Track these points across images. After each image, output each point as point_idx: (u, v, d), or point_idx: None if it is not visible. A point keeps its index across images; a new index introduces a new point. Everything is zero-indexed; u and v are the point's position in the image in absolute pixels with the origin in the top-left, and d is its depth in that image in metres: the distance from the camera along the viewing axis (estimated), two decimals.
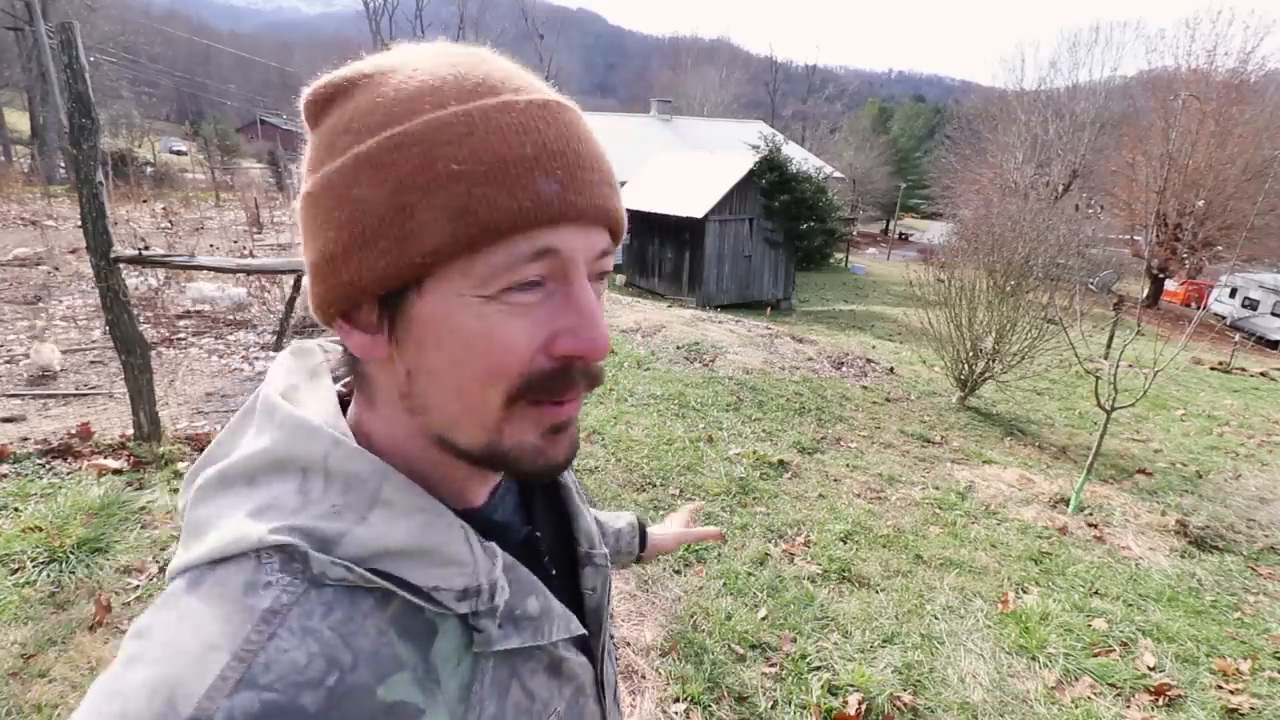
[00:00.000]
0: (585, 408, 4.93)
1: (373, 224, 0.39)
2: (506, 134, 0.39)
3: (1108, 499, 4.45)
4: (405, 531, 0.41)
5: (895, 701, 2.36)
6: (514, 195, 0.38)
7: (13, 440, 3.67)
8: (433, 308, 0.40)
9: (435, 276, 0.39)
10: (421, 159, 0.38)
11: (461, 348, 0.40)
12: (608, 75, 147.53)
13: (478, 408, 0.42)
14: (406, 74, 0.41)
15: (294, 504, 0.41)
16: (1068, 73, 32.40)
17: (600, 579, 0.62)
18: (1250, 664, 2.78)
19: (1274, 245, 21.24)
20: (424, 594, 0.42)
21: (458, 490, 0.48)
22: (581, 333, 0.41)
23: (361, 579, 0.40)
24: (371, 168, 0.39)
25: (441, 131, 0.38)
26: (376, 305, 0.41)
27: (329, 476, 0.41)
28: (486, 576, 0.44)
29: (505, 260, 0.39)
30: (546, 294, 0.41)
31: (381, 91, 0.41)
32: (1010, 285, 6.37)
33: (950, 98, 71.98)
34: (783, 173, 14.84)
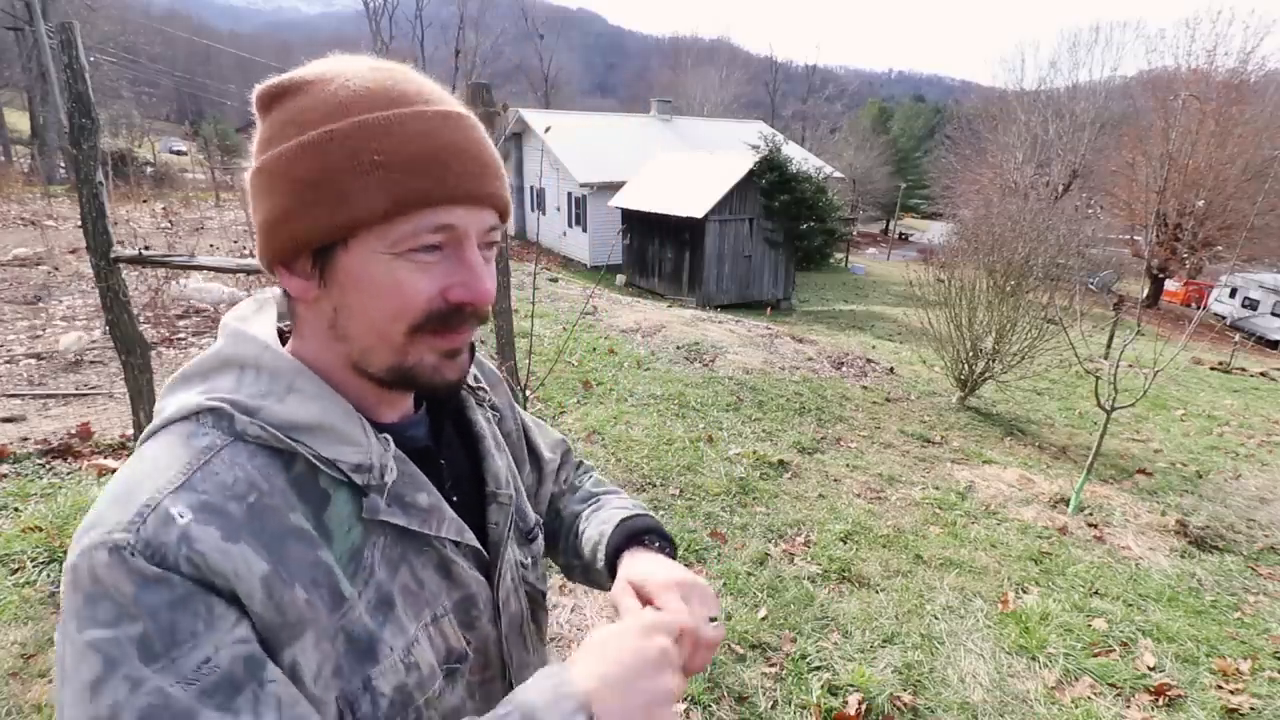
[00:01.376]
0: (585, 407, 4.94)
1: (310, 195, 0.51)
2: (417, 136, 0.52)
3: (1108, 499, 4.44)
4: (310, 411, 0.54)
5: (895, 701, 2.36)
6: (422, 181, 0.52)
7: (13, 440, 3.67)
8: (355, 260, 0.53)
9: (358, 237, 0.52)
10: (351, 150, 0.51)
11: (375, 292, 0.54)
12: (608, 75, 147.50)
13: (386, 337, 0.55)
14: (341, 82, 0.53)
15: (230, 386, 0.54)
16: (1068, 73, 32.40)
17: (503, 515, 0.70)
18: (1250, 664, 2.77)
19: (1274, 245, 21.23)
20: (325, 461, 0.54)
21: (368, 407, 0.60)
22: (470, 284, 0.55)
23: (273, 439, 0.52)
24: (312, 154, 0.51)
25: (368, 130, 0.51)
26: (311, 257, 0.54)
27: (259, 370, 0.55)
28: (378, 458, 0.56)
29: (412, 229, 0.52)
30: (444, 256, 0.55)
31: (322, 93, 0.53)
32: (1010, 285, 6.37)
33: (950, 98, 71.94)
34: (783, 173, 14.84)
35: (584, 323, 7.89)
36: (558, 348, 6.14)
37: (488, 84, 3.97)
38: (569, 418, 4.73)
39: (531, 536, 0.78)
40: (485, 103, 3.81)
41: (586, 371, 5.87)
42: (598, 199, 18.76)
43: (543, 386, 5.03)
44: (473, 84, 3.91)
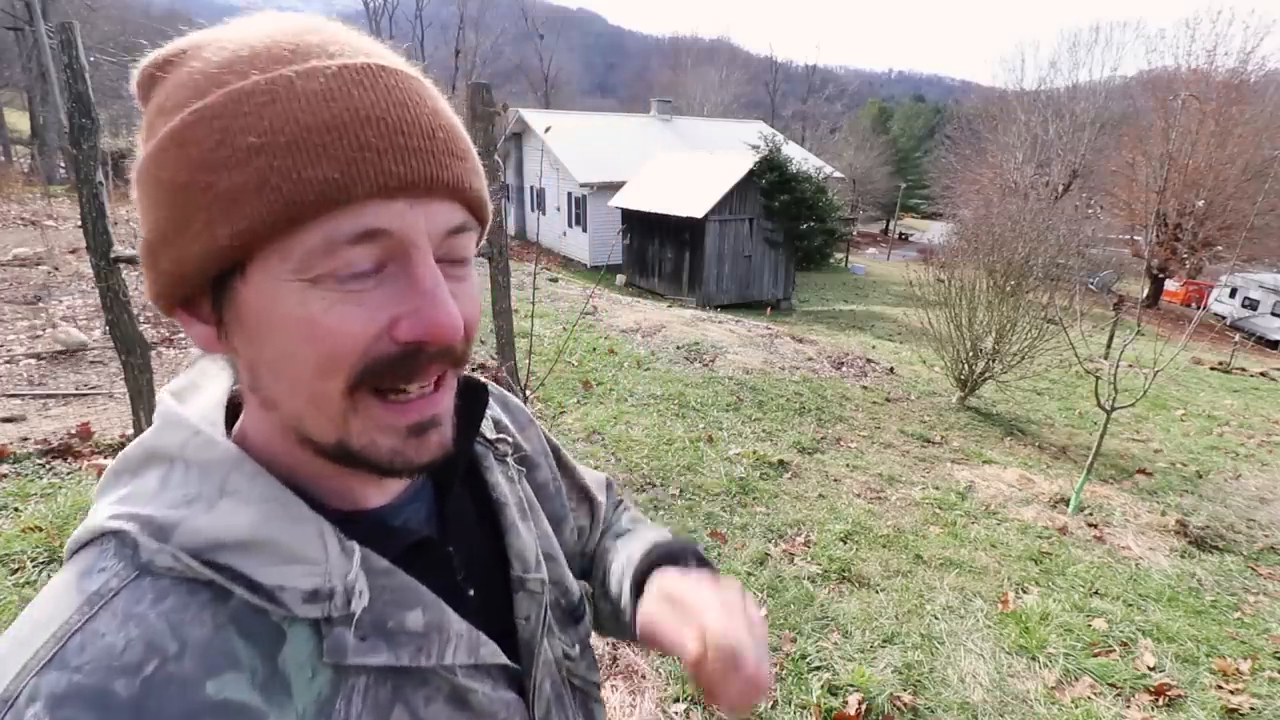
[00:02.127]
0: (585, 407, 4.93)
1: (182, 205, 0.37)
2: (311, 100, 0.36)
3: (1108, 499, 4.44)
4: (245, 521, 0.39)
5: (895, 701, 2.36)
6: (318, 166, 0.35)
7: (13, 440, 3.67)
8: (257, 294, 0.38)
9: (255, 261, 0.37)
10: (221, 133, 0.36)
11: (287, 337, 0.38)
12: (608, 75, 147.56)
13: (318, 400, 0.39)
14: (218, 47, 0.38)
15: (152, 491, 0.40)
16: (1068, 73, 32.43)
17: (535, 607, 0.55)
18: (1250, 664, 2.78)
19: (1274, 245, 21.24)
20: (265, 592, 0.39)
21: (340, 490, 0.45)
22: (424, 314, 0.39)
23: (189, 569, 0.38)
24: (176, 146, 0.37)
25: (241, 103, 0.36)
26: (208, 293, 0.39)
27: (187, 466, 0.41)
28: (341, 578, 0.40)
29: (322, 241, 0.36)
30: (386, 276, 0.39)
31: (193, 66, 0.38)
32: (1010, 285, 6.37)
33: (950, 98, 71.99)
34: (783, 173, 14.84)
35: (584, 323, 7.89)
36: (558, 348, 6.14)
37: (488, 84, 3.98)
38: (569, 418, 4.73)
39: (578, 615, 0.61)
40: (485, 103, 3.82)
41: (586, 371, 5.87)
42: (598, 199, 18.76)
43: (543, 386, 5.03)
44: (473, 84, 3.92)
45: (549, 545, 0.60)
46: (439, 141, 0.39)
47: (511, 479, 0.59)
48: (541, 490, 0.64)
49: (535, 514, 0.60)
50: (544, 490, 0.65)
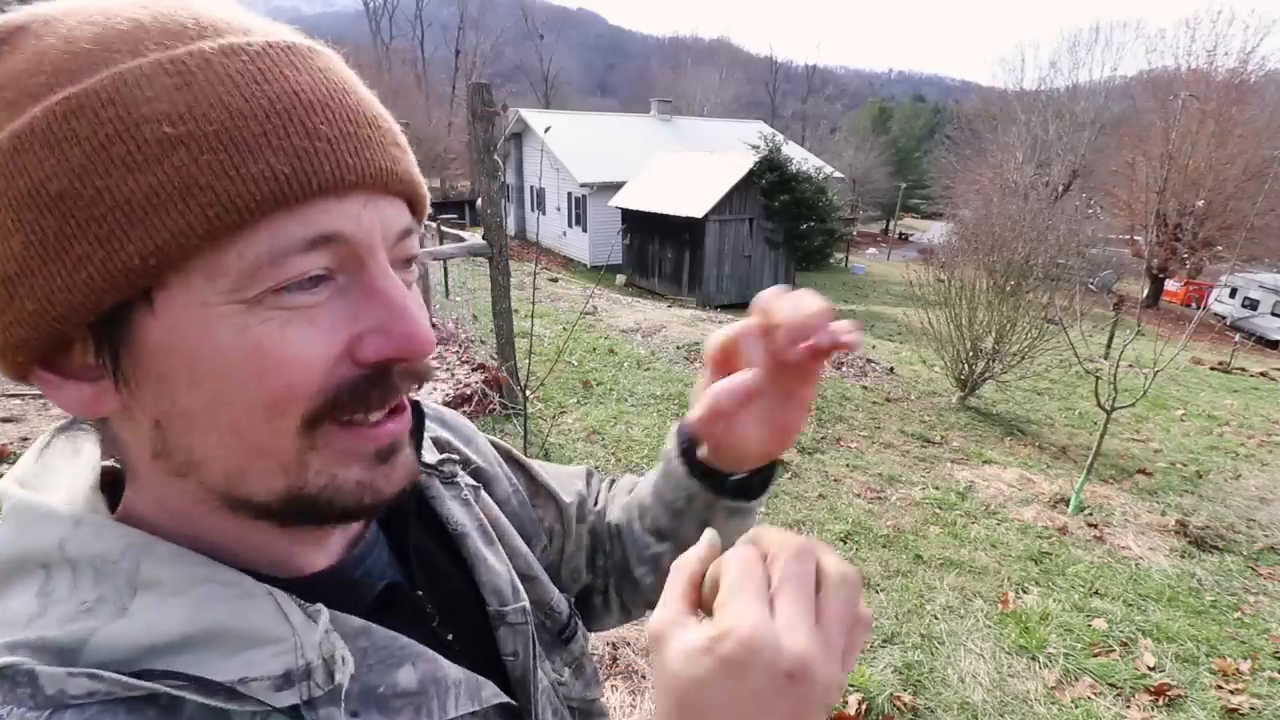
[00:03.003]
0: (585, 407, 4.93)
1: (58, 223, 0.28)
2: (240, 81, 0.29)
3: (1108, 499, 4.44)
4: (178, 614, 0.32)
5: (895, 701, 2.36)
6: (261, 159, 0.29)
7: (13, 440, 3.66)
8: (172, 327, 0.30)
9: (168, 285, 0.29)
10: (118, 123, 0.28)
11: (223, 374, 0.30)
12: (608, 75, 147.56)
13: (266, 446, 0.32)
14: (82, 20, 0.30)
15: (30, 612, 0.31)
16: (1068, 73, 32.45)
17: (521, 641, 0.49)
18: (1250, 664, 2.77)
19: (1274, 245, 21.25)
20: (225, 690, 0.31)
21: (279, 557, 0.38)
22: (394, 329, 0.33)
23: (117, 686, 0.29)
24: (43, 146, 0.28)
25: (141, 86, 0.28)
26: (90, 340, 0.31)
27: (75, 567, 0.32)
28: (316, 650, 0.34)
29: (267, 250, 0.30)
30: (337, 289, 0.33)
31: (44, 45, 0.30)
32: (1010, 285, 6.37)
33: (950, 98, 72.02)
34: (783, 173, 14.85)
35: (584, 323, 7.89)
36: (558, 348, 6.14)
37: (488, 84, 3.98)
38: (569, 418, 4.73)
39: (568, 636, 0.55)
40: (485, 103, 3.82)
41: (586, 371, 5.87)
42: (598, 199, 18.77)
43: (543, 386, 5.03)
44: (473, 84, 3.92)
45: (525, 565, 0.53)
46: (385, 131, 0.34)
47: (467, 502, 0.52)
48: (505, 505, 0.57)
49: (504, 534, 0.53)
50: (507, 505, 0.57)
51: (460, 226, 7.91)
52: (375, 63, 39.06)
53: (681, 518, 0.56)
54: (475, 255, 4.43)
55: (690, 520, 0.55)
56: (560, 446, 4.17)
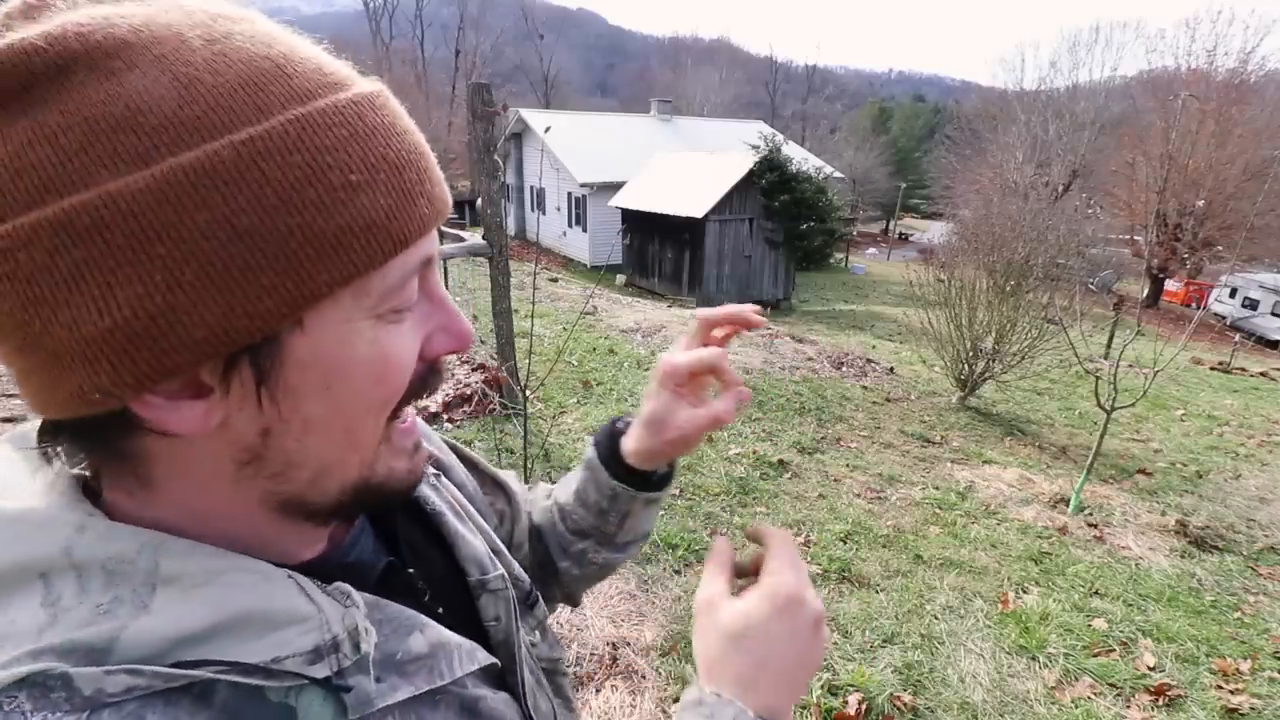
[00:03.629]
0: (585, 407, 4.93)
1: (244, 257, 0.30)
2: (386, 135, 0.34)
3: (1108, 499, 4.44)
4: (205, 606, 0.33)
5: (895, 701, 2.36)
6: (415, 202, 0.35)
7: None
8: (317, 343, 0.33)
9: (319, 307, 0.33)
10: (307, 169, 0.31)
11: (355, 379, 0.35)
12: (608, 75, 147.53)
13: (363, 442, 0.38)
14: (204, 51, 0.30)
15: (40, 623, 0.30)
16: (1068, 73, 32.47)
17: (502, 606, 0.54)
18: (1250, 664, 2.78)
19: (1274, 245, 21.26)
20: (260, 670, 0.33)
21: (280, 549, 0.40)
22: (453, 328, 0.40)
23: (158, 679, 0.30)
24: (228, 184, 0.29)
25: (319, 134, 0.31)
26: (223, 361, 0.32)
27: (82, 571, 0.32)
28: (341, 624, 0.36)
29: (400, 275, 0.35)
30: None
31: (181, 73, 0.29)
32: (1010, 285, 6.38)
33: (950, 98, 72.04)
34: (783, 173, 14.85)
35: (584, 323, 7.89)
36: (558, 348, 6.14)
37: (488, 84, 3.98)
38: (569, 418, 4.73)
39: (532, 601, 0.60)
40: (485, 103, 3.82)
41: (586, 371, 5.87)
42: (598, 199, 18.77)
43: (543, 386, 5.03)
44: (473, 84, 3.92)
45: (492, 540, 0.59)
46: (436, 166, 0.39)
47: (435, 486, 0.57)
48: (462, 489, 0.62)
49: (470, 513, 0.59)
50: (464, 489, 0.63)
51: (460, 226, 7.91)
52: (375, 63, 39.02)
53: (605, 515, 0.65)
54: (475, 255, 4.42)
55: (614, 514, 0.64)
56: (560, 446, 4.18)
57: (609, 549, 0.67)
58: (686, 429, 0.57)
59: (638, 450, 0.61)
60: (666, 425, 0.58)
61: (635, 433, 0.61)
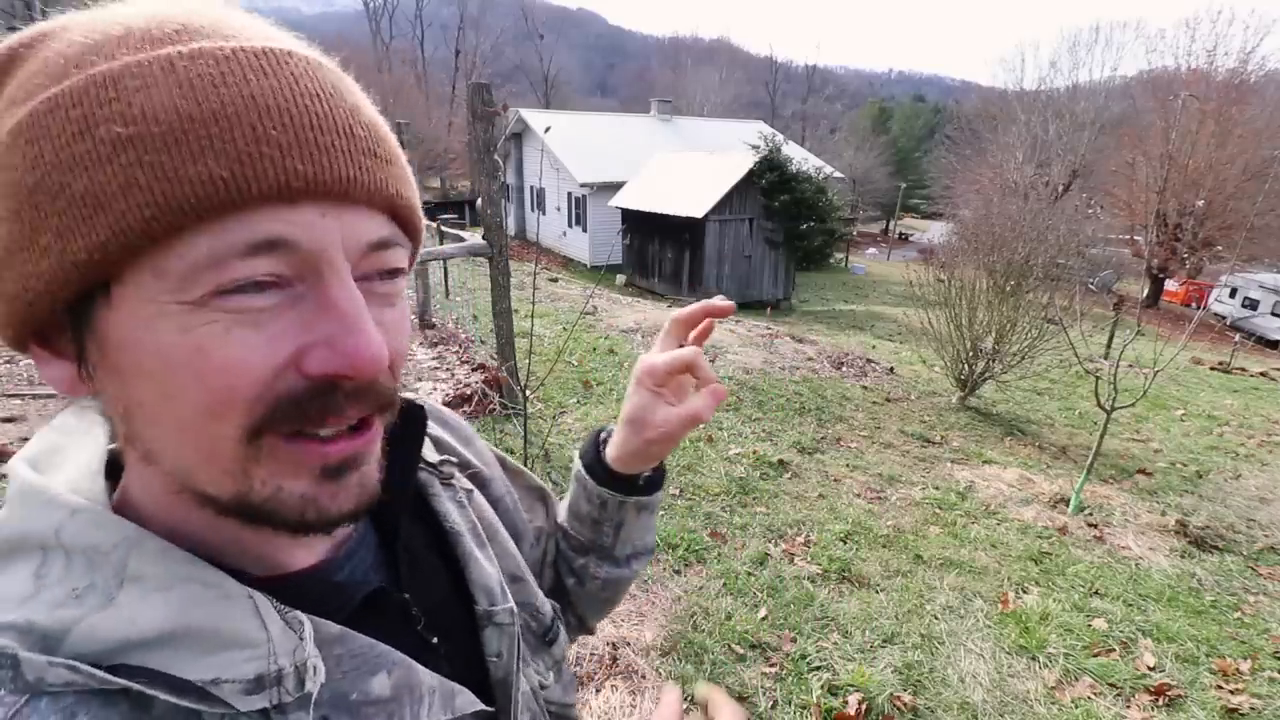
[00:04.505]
0: (585, 407, 4.93)
1: (30, 214, 0.30)
2: (196, 86, 0.30)
3: (1108, 499, 4.44)
4: (159, 611, 0.32)
5: (895, 701, 2.36)
6: (201, 161, 0.29)
7: (13, 440, 3.66)
8: (125, 321, 0.31)
9: (124, 281, 0.30)
10: (80, 124, 0.29)
11: (168, 372, 0.31)
12: (608, 75, 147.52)
13: (209, 448, 0.32)
14: (88, 28, 0.32)
15: (24, 593, 0.32)
16: (1068, 73, 32.48)
17: (506, 641, 0.49)
18: (1250, 664, 2.78)
19: (1274, 245, 21.25)
20: (196, 690, 0.32)
21: (261, 554, 0.38)
22: (339, 343, 0.32)
23: (92, 680, 0.30)
24: (25, 141, 0.30)
25: (107, 88, 0.29)
26: (67, 324, 0.32)
27: (69, 554, 0.33)
28: (290, 656, 0.34)
29: (208, 253, 0.30)
30: (293, 297, 0.32)
31: (52, 49, 0.31)
32: (1010, 285, 6.37)
33: (950, 98, 72.04)
34: (783, 173, 14.85)
35: (584, 323, 7.89)
36: (558, 348, 6.14)
37: (488, 84, 3.98)
38: (569, 418, 4.73)
39: (550, 638, 0.56)
40: (485, 103, 3.82)
41: (586, 371, 5.87)
42: (598, 199, 18.77)
43: (543, 386, 5.03)
44: (473, 84, 3.92)
45: (514, 565, 0.55)
46: (359, 140, 0.33)
47: (461, 503, 0.53)
48: (498, 504, 0.60)
49: (495, 535, 0.55)
50: (500, 504, 0.60)
51: (460, 226, 7.89)
52: (375, 63, 39.03)
53: (599, 526, 0.64)
54: (475, 255, 4.43)
55: (607, 524, 0.63)
56: (560, 446, 4.17)
57: (609, 563, 0.66)
58: (665, 427, 0.57)
59: (620, 454, 0.60)
60: (645, 424, 0.57)
61: (616, 436, 0.61)
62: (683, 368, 0.56)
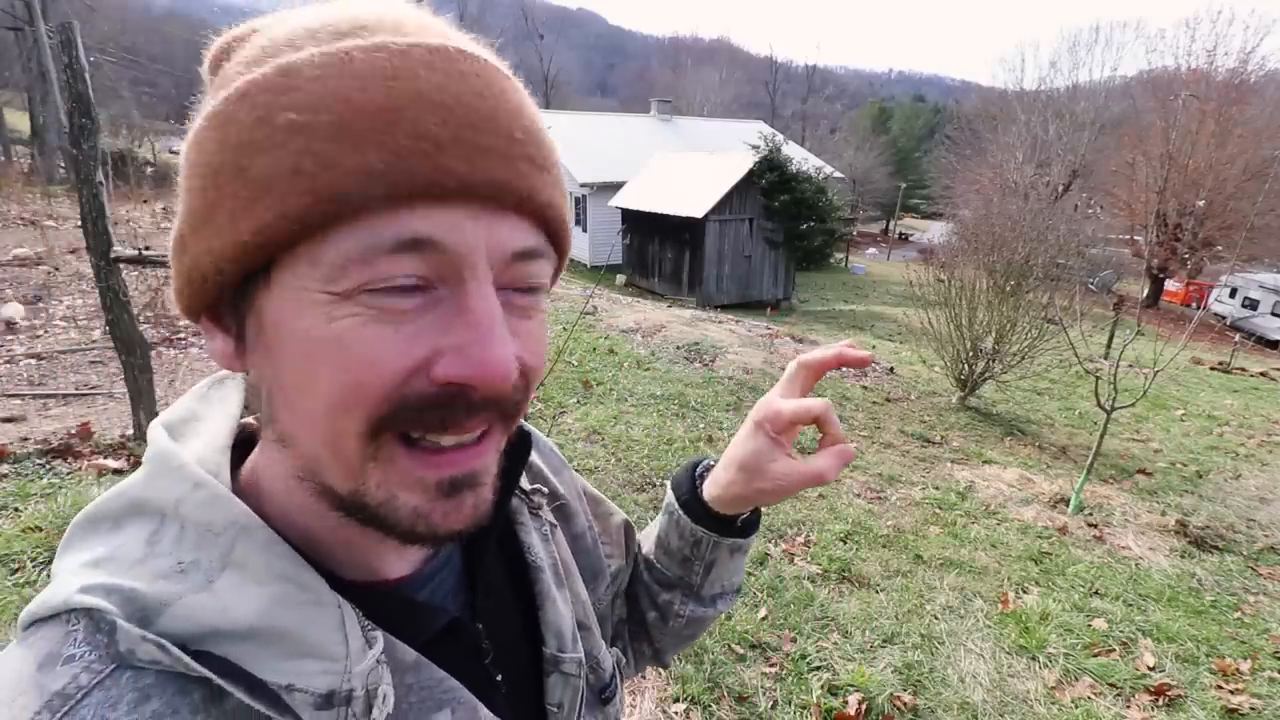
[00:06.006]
0: (585, 407, 4.93)
1: (213, 193, 0.31)
2: (368, 78, 0.30)
3: (1108, 499, 4.44)
4: (252, 605, 0.32)
5: (895, 701, 2.36)
6: (361, 153, 0.29)
7: (13, 440, 3.66)
8: (279, 305, 0.32)
9: (282, 265, 0.31)
10: (264, 110, 0.30)
11: (307, 358, 0.32)
12: (608, 75, 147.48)
13: (333, 440, 0.32)
14: (289, 23, 0.33)
15: (136, 555, 0.33)
16: (1068, 73, 32.50)
17: (569, 693, 0.48)
18: (1250, 664, 2.78)
19: (1274, 245, 21.26)
20: (270, 694, 0.32)
21: (360, 556, 0.39)
22: (470, 352, 0.32)
23: (179, 664, 0.31)
24: (216, 125, 0.31)
25: (290, 76, 0.30)
26: (230, 302, 0.34)
27: (183, 526, 0.34)
28: (363, 679, 0.34)
29: (358, 247, 0.30)
30: (434, 299, 0.32)
31: (253, 43, 0.33)
32: (1010, 285, 6.38)
33: (950, 98, 72.03)
34: (783, 173, 14.85)
35: (584, 323, 7.89)
36: (558, 348, 6.14)
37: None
38: (569, 418, 4.73)
39: (607, 696, 0.53)
40: None
41: (586, 371, 5.87)
42: (598, 199, 18.77)
43: (543, 386, 5.03)
44: None
45: (583, 613, 0.53)
46: (517, 144, 0.33)
47: (546, 537, 0.52)
48: (578, 542, 0.57)
49: (571, 576, 0.53)
50: (580, 542, 0.57)
51: None
52: None
53: (689, 563, 0.62)
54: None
55: (697, 562, 0.61)
56: (560, 446, 4.17)
57: (695, 601, 0.63)
58: (783, 481, 0.53)
59: (723, 495, 0.57)
60: (762, 473, 0.54)
61: (723, 476, 0.57)
62: (810, 420, 0.53)
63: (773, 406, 0.54)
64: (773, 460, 0.53)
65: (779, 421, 0.53)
